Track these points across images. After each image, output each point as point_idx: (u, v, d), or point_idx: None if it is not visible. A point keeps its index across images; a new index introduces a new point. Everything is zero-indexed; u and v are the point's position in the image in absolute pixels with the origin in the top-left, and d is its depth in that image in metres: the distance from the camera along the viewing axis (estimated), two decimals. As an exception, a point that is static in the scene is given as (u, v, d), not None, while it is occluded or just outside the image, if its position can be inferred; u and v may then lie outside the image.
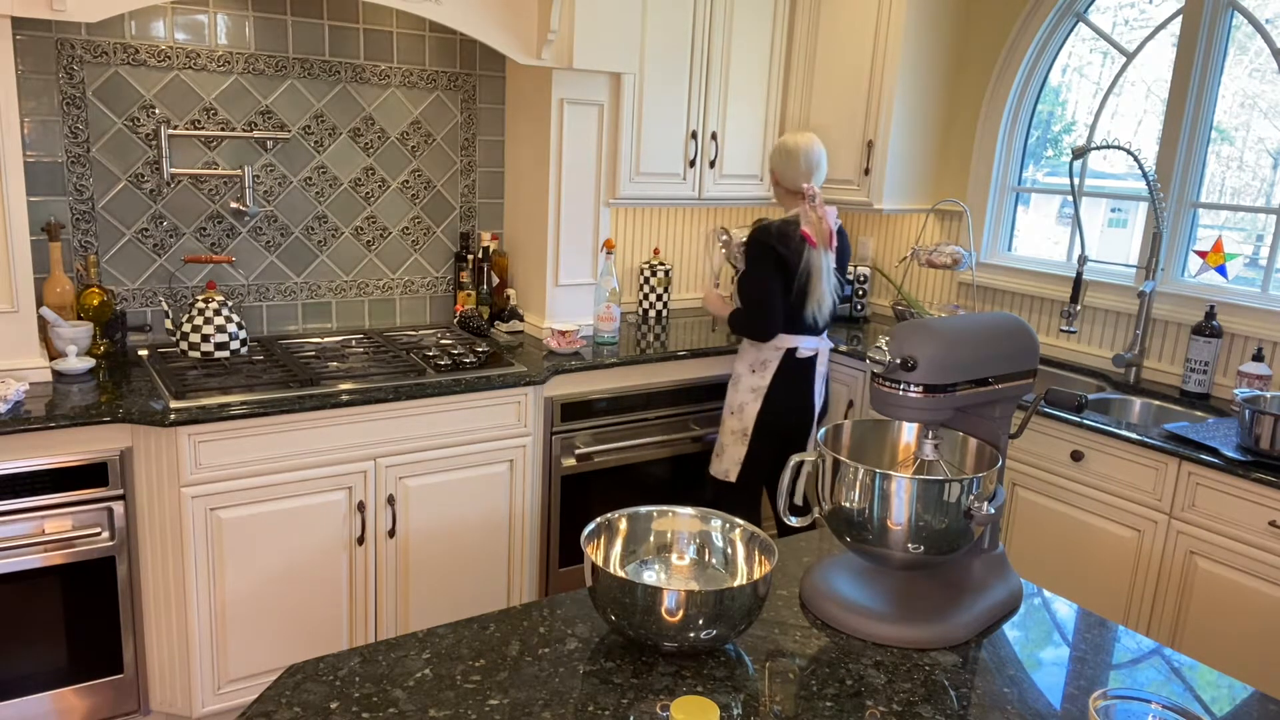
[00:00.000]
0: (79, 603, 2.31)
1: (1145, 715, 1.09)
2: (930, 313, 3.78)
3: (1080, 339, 3.34)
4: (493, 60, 3.29)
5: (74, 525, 2.27)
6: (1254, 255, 3.01)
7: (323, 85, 3.00)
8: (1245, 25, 2.92)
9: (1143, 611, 2.58)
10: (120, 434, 2.30)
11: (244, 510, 2.43)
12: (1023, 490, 2.85)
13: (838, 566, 1.53)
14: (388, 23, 3.07)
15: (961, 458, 1.52)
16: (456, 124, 3.28)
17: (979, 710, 1.22)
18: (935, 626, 1.38)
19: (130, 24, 2.68)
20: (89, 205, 2.72)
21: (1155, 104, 3.19)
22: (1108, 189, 3.46)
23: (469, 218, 3.38)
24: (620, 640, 1.33)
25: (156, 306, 2.86)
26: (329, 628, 2.64)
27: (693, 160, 3.46)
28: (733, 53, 3.46)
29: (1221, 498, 2.39)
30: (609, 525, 1.43)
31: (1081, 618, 1.50)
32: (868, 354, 1.39)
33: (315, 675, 1.22)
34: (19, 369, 2.36)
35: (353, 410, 2.53)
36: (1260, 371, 2.72)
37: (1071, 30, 3.40)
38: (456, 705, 1.17)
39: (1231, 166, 3.05)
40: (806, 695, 1.23)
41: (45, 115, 2.62)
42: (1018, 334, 1.48)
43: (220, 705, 2.51)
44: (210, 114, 2.84)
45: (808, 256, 2.79)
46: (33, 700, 2.31)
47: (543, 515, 3.02)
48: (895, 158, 3.58)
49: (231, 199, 2.92)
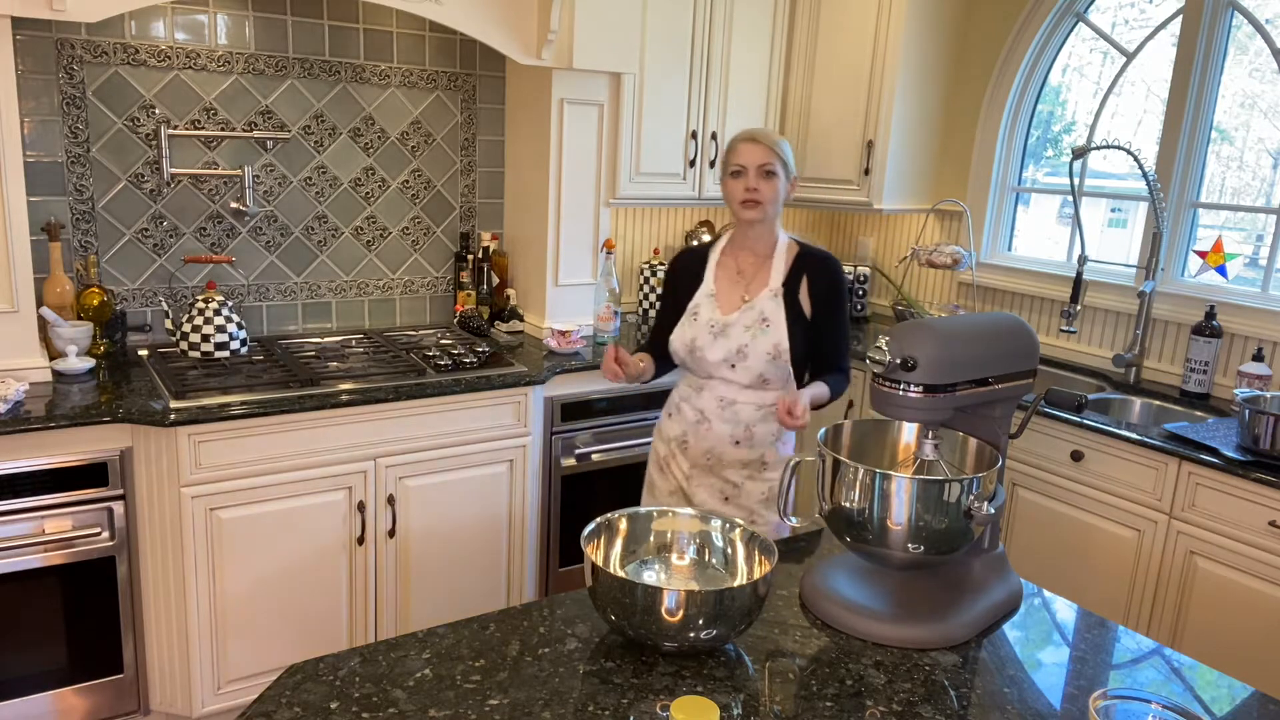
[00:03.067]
0: (79, 603, 2.31)
1: (1145, 715, 1.09)
2: (930, 313, 3.78)
3: (1080, 339, 3.34)
4: (493, 60, 3.29)
5: (74, 525, 2.27)
6: (1254, 255, 3.01)
7: (323, 85, 3.00)
8: (1245, 25, 2.92)
9: (1143, 611, 2.57)
10: (120, 434, 2.30)
11: (244, 510, 2.43)
12: (1023, 490, 2.85)
13: (838, 566, 1.53)
14: (388, 23, 3.07)
15: (961, 458, 1.52)
16: (456, 124, 3.28)
17: (979, 710, 1.22)
18: (935, 626, 1.38)
19: (130, 24, 2.68)
20: (89, 205, 2.72)
21: (1155, 104, 3.19)
22: (1108, 189, 3.46)
23: (469, 218, 3.38)
24: (620, 640, 1.33)
25: (156, 306, 2.86)
26: (329, 628, 2.64)
27: (693, 160, 3.46)
28: (733, 52, 3.46)
29: (1221, 498, 2.39)
30: (609, 525, 1.43)
31: (1081, 618, 1.50)
32: (868, 354, 1.39)
33: (315, 675, 1.22)
34: (19, 369, 2.36)
35: (353, 410, 2.53)
36: (1260, 371, 2.72)
37: (1071, 30, 3.40)
38: (456, 705, 1.17)
39: (1231, 166, 3.05)
40: (806, 695, 1.23)
41: (45, 115, 2.62)
42: (1018, 334, 1.47)
43: (220, 705, 2.51)
44: (210, 114, 2.84)
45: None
46: (33, 700, 2.31)
47: (542, 515, 3.02)
48: (895, 158, 3.58)
49: (231, 199, 2.92)
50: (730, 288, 2.22)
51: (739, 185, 2.13)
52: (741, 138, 2.16)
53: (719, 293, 2.22)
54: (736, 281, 2.22)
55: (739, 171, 2.12)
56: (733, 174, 2.14)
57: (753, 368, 2.15)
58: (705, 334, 2.18)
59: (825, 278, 2.18)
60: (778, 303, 2.16)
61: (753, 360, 2.15)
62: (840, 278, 2.19)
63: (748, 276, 2.21)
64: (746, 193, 2.12)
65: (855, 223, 4.21)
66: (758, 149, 2.11)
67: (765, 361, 2.14)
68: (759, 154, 2.11)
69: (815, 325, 2.18)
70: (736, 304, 2.20)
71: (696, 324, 2.20)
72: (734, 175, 2.14)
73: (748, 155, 2.12)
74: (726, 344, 2.16)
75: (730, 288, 2.22)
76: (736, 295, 2.21)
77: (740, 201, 2.13)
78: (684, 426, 2.26)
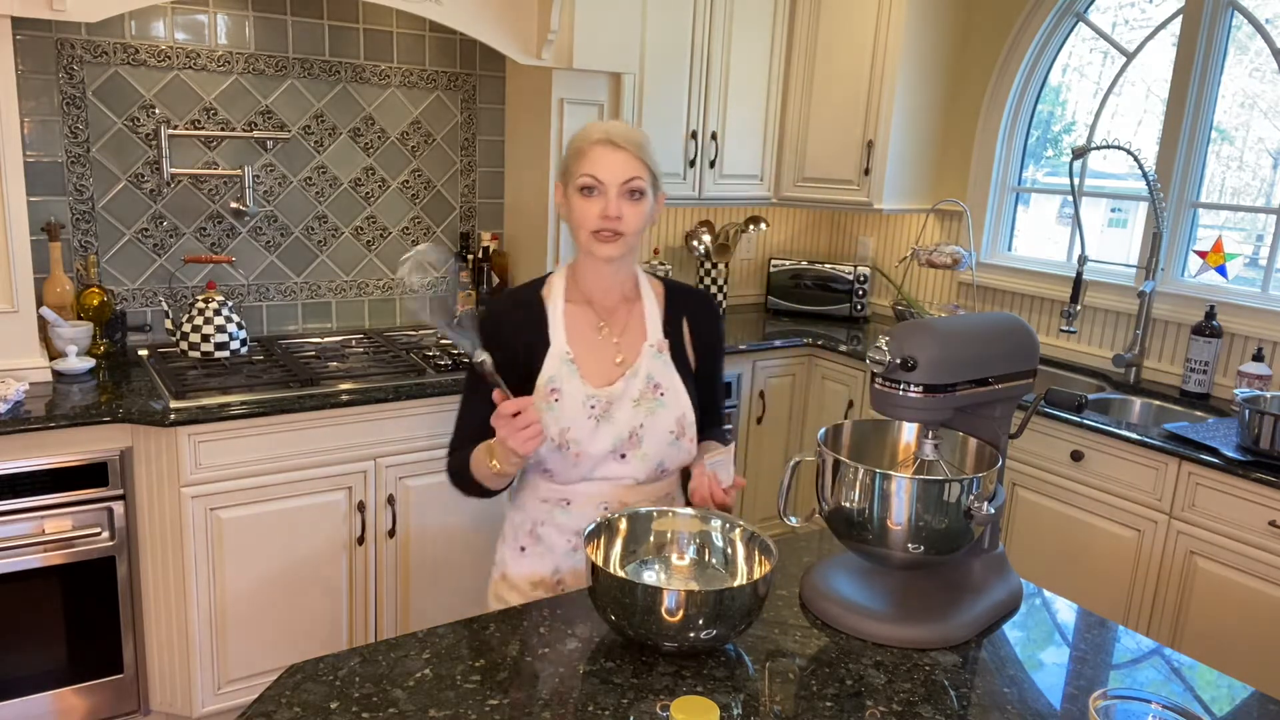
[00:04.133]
0: (79, 603, 2.31)
1: (1145, 715, 1.09)
2: (930, 313, 3.78)
3: (1080, 339, 3.34)
4: (493, 60, 3.29)
5: (74, 525, 2.27)
6: (1254, 255, 3.01)
7: (323, 85, 3.00)
8: (1245, 25, 2.92)
9: (1143, 611, 2.57)
10: (120, 434, 2.30)
11: (244, 510, 2.43)
12: (1023, 490, 2.85)
13: (838, 566, 1.53)
14: (388, 23, 3.07)
15: (961, 458, 1.51)
16: (456, 124, 3.28)
17: (979, 710, 1.22)
18: (935, 626, 1.38)
19: (130, 24, 2.68)
20: (89, 205, 2.72)
21: (1155, 104, 3.19)
22: (1108, 189, 3.46)
23: (469, 218, 3.38)
24: (620, 640, 1.33)
25: (156, 306, 2.86)
26: (329, 628, 2.64)
27: (693, 160, 3.46)
28: (733, 53, 3.46)
29: (1221, 498, 2.39)
30: (609, 525, 1.43)
31: (1081, 618, 1.50)
32: (868, 354, 1.39)
33: (315, 675, 1.22)
34: (19, 369, 2.36)
35: (353, 410, 2.53)
36: (1260, 371, 2.72)
37: (1071, 30, 3.40)
38: (456, 705, 1.17)
39: (1231, 166, 3.05)
40: (806, 695, 1.23)
41: (45, 115, 2.62)
42: (1018, 334, 1.47)
43: (220, 705, 2.51)
44: (210, 114, 2.84)
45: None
46: (33, 700, 2.31)
47: (543, 515, 3.02)
48: (895, 158, 3.58)
49: (231, 199, 2.92)
50: (594, 348, 1.61)
51: (591, 208, 1.53)
52: (596, 139, 1.53)
53: (579, 357, 1.60)
54: (600, 338, 1.62)
55: (592, 188, 1.53)
56: (581, 190, 1.54)
57: (651, 455, 1.60)
58: (582, 419, 1.57)
59: (709, 321, 1.71)
60: (665, 360, 1.63)
61: (650, 445, 1.60)
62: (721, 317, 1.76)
63: (615, 330, 1.63)
64: (605, 220, 1.52)
65: (855, 223, 4.21)
66: (622, 159, 1.53)
67: (668, 444, 1.61)
68: (623, 165, 1.53)
69: (698, 378, 1.69)
70: (611, 370, 1.61)
71: (563, 406, 1.56)
72: (584, 192, 1.54)
73: (608, 167, 1.52)
74: (613, 429, 1.58)
75: (594, 348, 1.61)
76: (607, 358, 1.61)
77: (594, 231, 1.54)
78: (554, 562, 1.66)
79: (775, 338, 3.51)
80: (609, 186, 1.53)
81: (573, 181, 1.55)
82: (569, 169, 1.57)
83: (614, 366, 1.61)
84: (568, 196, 1.58)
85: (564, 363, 1.59)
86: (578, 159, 1.55)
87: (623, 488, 1.62)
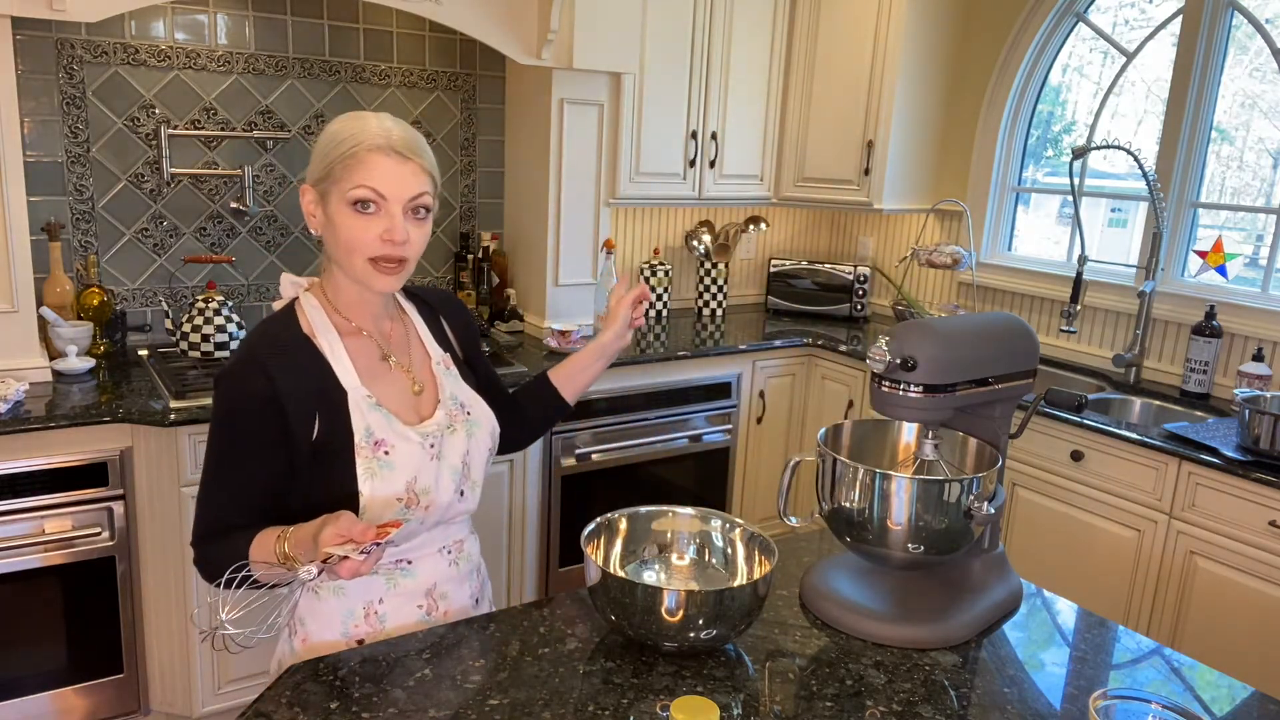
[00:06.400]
0: (79, 603, 2.31)
1: (1145, 715, 1.09)
2: (930, 313, 3.78)
3: (1080, 339, 3.34)
4: (493, 60, 3.29)
5: (74, 525, 2.27)
6: (1254, 255, 3.01)
7: (323, 85, 3.00)
8: (1245, 25, 2.92)
9: (1143, 611, 2.57)
10: (120, 434, 2.30)
11: (244, 510, 2.43)
12: (1023, 490, 2.85)
13: (838, 566, 1.53)
14: (388, 23, 3.07)
15: (961, 458, 1.52)
16: (456, 124, 3.28)
17: (979, 710, 1.22)
18: (935, 626, 1.38)
19: (130, 24, 2.68)
20: (89, 205, 2.72)
21: (1155, 104, 3.19)
22: (1108, 189, 3.46)
23: (469, 218, 3.38)
24: (620, 640, 1.33)
25: (156, 306, 2.86)
26: (329, 628, 2.63)
27: (693, 160, 3.46)
28: (733, 52, 3.46)
29: (1221, 498, 2.39)
30: (609, 525, 1.43)
31: (1081, 618, 1.50)
32: (868, 354, 1.39)
33: (315, 675, 1.22)
34: (19, 369, 2.36)
35: (353, 410, 2.52)
36: (1260, 371, 2.72)
37: (1071, 30, 3.40)
38: (456, 705, 1.17)
39: (1231, 166, 3.05)
40: (806, 695, 1.23)
41: (45, 115, 2.62)
42: (1018, 334, 1.47)
43: (220, 705, 2.51)
44: (210, 114, 2.84)
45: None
46: (33, 700, 2.31)
47: (542, 515, 3.02)
48: (895, 158, 3.58)
49: (231, 199, 2.92)
50: (390, 383, 1.38)
51: (368, 229, 1.27)
52: (376, 144, 1.26)
53: (382, 396, 1.35)
54: (391, 370, 1.39)
55: (369, 202, 1.26)
56: (356, 205, 1.26)
57: (479, 482, 1.46)
58: (425, 463, 1.35)
59: (459, 314, 1.56)
60: (453, 373, 1.46)
61: (478, 471, 1.45)
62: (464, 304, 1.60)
63: (400, 357, 1.42)
64: (387, 244, 1.27)
65: (855, 223, 4.21)
66: (410, 171, 1.29)
67: (488, 463, 1.48)
68: (411, 180, 1.29)
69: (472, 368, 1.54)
70: (416, 402, 1.40)
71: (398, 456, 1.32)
72: (358, 207, 1.26)
73: (393, 181, 1.27)
74: (450, 466, 1.39)
75: (390, 383, 1.38)
76: (405, 389, 1.39)
77: (374, 258, 1.28)
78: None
79: (775, 338, 3.51)
80: (392, 204, 1.27)
81: (341, 192, 1.26)
82: (334, 175, 1.26)
83: (415, 398, 1.40)
84: (328, 209, 1.28)
85: (371, 408, 1.32)
86: (351, 166, 1.25)
87: (459, 524, 1.47)
